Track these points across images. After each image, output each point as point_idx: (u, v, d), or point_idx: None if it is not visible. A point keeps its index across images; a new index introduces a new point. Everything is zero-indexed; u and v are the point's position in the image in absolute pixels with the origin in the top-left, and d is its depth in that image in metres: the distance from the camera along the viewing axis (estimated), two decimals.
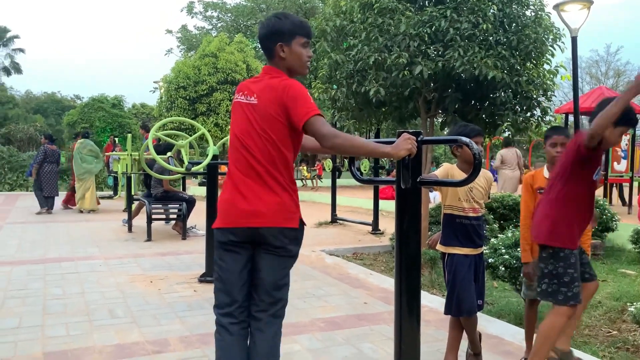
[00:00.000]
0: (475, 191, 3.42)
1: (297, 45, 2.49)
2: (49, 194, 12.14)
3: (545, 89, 6.68)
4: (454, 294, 3.38)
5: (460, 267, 3.38)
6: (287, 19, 2.51)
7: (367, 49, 6.54)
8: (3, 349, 3.76)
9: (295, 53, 2.49)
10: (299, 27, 2.50)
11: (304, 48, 2.52)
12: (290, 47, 2.48)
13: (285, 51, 2.48)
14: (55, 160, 12.48)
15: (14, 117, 41.35)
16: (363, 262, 7.15)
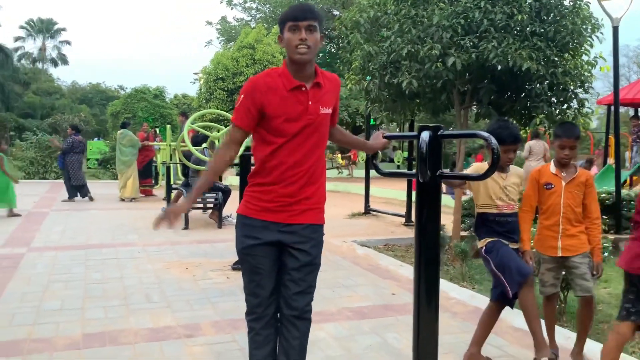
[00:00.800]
0: (510, 189, 3.44)
1: (286, 32, 2.45)
2: (76, 183, 12.52)
3: (583, 81, 6.55)
4: (510, 267, 3.35)
5: (503, 246, 3.43)
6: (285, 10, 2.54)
7: (400, 40, 6.54)
8: (46, 329, 3.98)
9: (285, 40, 2.46)
10: (286, 13, 2.48)
11: (293, 32, 2.43)
12: (283, 36, 2.48)
13: (282, 41, 2.51)
14: (81, 150, 12.98)
15: (60, 107, 42.65)
16: (394, 254, 7.19)
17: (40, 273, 5.64)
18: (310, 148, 2.52)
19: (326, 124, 2.59)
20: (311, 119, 2.49)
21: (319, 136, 2.55)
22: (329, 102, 2.58)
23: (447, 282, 5.61)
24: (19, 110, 40.81)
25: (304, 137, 2.49)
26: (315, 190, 2.59)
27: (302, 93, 2.48)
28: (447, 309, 4.63)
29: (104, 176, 21.66)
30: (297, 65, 2.46)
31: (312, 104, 2.48)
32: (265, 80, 2.48)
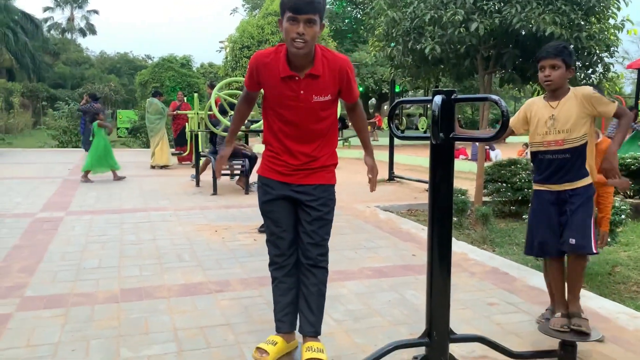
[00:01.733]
0: (561, 118, 3.10)
1: (285, 20, 2.50)
2: None
3: (609, 45, 6.50)
4: (528, 229, 3.30)
5: (537, 203, 3.26)
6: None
7: (424, 6, 6.57)
8: (87, 284, 4.28)
9: (284, 28, 2.52)
10: (284, 1, 2.49)
11: (291, 24, 2.47)
12: (282, 23, 2.53)
13: (281, 26, 2.57)
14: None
15: (90, 77, 43.32)
16: (417, 219, 7.34)
17: (78, 235, 5.96)
18: (307, 126, 2.71)
19: (324, 107, 2.70)
20: (302, 106, 2.65)
21: (316, 117, 2.70)
22: (326, 90, 2.66)
23: (467, 244, 5.76)
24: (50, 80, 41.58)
25: (300, 118, 2.68)
26: (321, 156, 2.80)
27: (294, 82, 2.60)
28: (466, 269, 4.79)
29: (133, 144, 22.14)
30: (294, 56, 2.54)
31: (304, 93, 2.62)
32: (265, 60, 2.64)
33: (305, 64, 2.58)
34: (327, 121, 2.76)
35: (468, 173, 11.72)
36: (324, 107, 2.70)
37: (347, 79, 2.67)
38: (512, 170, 7.51)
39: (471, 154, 15.27)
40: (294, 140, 2.74)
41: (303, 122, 2.70)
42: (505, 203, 7.56)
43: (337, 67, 2.63)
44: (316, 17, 2.47)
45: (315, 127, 2.73)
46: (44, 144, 21.14)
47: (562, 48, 3.13)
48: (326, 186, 2.82)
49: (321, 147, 2.79)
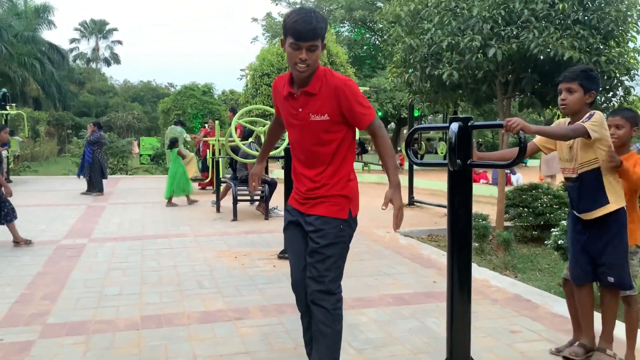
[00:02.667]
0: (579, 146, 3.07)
1: (287, 44, 2.50)
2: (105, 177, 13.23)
3: (629, 68, 6.47)
4: (570, 261, 3.28)
5: (568, 229, 3.28)
6: (288, 16, 2.51)
7: (441, 32, 6.62)
8: (108, 311, 4.31)
9: (287, 51, 2.53)
10: (290, 25, 2.46)
11: (294, 49, 2.47)
12: (284, 44, 2.54)
13: (283, 46, 2.56)
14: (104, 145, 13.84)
15: (114, 106, 44.19)
16: (438, 244, 7.28)
17: (100, 262, 6.03)
18: (310, 148, 2.64)
19: (325, 128, 2.59)
20: (301, 124, 2.62)
21: (317, 138, 2.60)
22: (323, 109, 2.56)
23: (488, 270, 5.69)
24: (75, 109, 42.47)
25: (302, 138, 2.65)
26: (326, 184, 2.66)
27: (293, 99, 2.63)
28: (488, 296, 4.72)
29: (155, 171, 22.42)
30: (296, 77, 2.59)
31: (302, 111, 2.60)
32: (277, 83, 2.76)
33: (305, 82, 2.58)
34: (331, 145, 2.61)
35: (489, 197, 11.62)
36: (324, 128, 2.58)
37: (346, 99, 2.52)
38: (533, 194, 7.43)
39: (492, 178, 15.15)
40: (301, 163, 2.72)
41: (305, 142, 2.65)
42: (527, 228, 7.47)
43: (332, 86, 2.53)
44: (318, 43, 2.48)
45: (317, 149, 2.62)
46: (69, 171, 21.51)
47: (579, 72, 3.10)
48: (329, 219, 2.64)
49: (327, 174, 2.64)
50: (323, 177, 2.64)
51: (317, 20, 2.44)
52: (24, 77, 33.11)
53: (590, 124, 2.91)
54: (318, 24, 2.44)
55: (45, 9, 38.99)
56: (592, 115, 2.98)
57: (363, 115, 2.57)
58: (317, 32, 2.45)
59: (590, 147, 3.02)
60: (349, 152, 2.69)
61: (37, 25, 37.83)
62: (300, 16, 2.44)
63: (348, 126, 2.63)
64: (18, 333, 3.84)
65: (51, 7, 39.26)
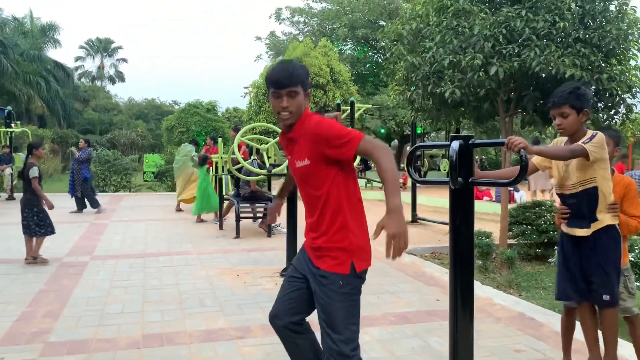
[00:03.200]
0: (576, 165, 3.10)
1: (270, 95, 2.52)
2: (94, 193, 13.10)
3: (630, 86, 6.48)
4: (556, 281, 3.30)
5: (559, 247, 3.30)
6: (268, 71, 2.56)
7: (443, 51, 6.65)
8: (110, 330, 4.30)
9: (270, 102, 2.54)
10: (269, 76, 2.50)
11: (275, 98, 2.49)
12: (269, 94, 2.55)
13: (269, 99, 2.57)
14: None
15: (118, 123, 44.41)
16: (441, 262, 7.25)
17: (102, 279, 6.02)
18: (306, 193, 2.57)
19: (309, 172, 2.49)
20: (293, 170, 2.60)
21: (307, 183, 2.53)
22: (303, 154, 2.49)
23: (492, 288, 5.65)
24: (80, 126, 42.70)
25: (298, 183, 2.62)
26: (324, 234, 2.50)
27: (285, 146, 2.66)
28: (491, 314, 4.69)
29: (159, 188, 22.45)
30: (282, 125, 2.59)
31: (290, 157, 2.61)
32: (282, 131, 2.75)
33: (289, 130, 2.58)
34: (322, 189, 2.47)
35: (492, 215, 11.59)
36: (309, 172, 2.48)
37: (321, 140, 2.40)
38: (536, 212, 7.41)
39: (495, 195, 15.12)
40: (305, 209, 2.64)
41: (300, 187, 2.61)
42: (530, 246, 7.43)
43: (308, 131, 2.46)
44: (298, 89, 2.46)
45: (311, 193, 2.53)
46: None
47: (567, 94, 3.10)
48: (328, 274, 2.46)
49: (324, 222, 2.48)
50: (320, 225, 2.50)
51: (294, 67, 2.47)
52: (29, 95, 33.36)
53: (591, 145, 2.93)
54: (295, 70, 2.46)
55: (51, 28, 39.44)
56: (594, 136, 3.00)
57: (344, 146, 2.36)
58: (294, 78, 2.44)
59: (589, 166, 3.04)
60: (346, 196, 2.47)
61: (42, 44, 38.24)
62: (278, 66, 2.52)
63: (339, 166, 2.46)
64: (19, 352, 3.83)
65: (57, 26, 39.73)
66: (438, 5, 6.89)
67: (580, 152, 2.93)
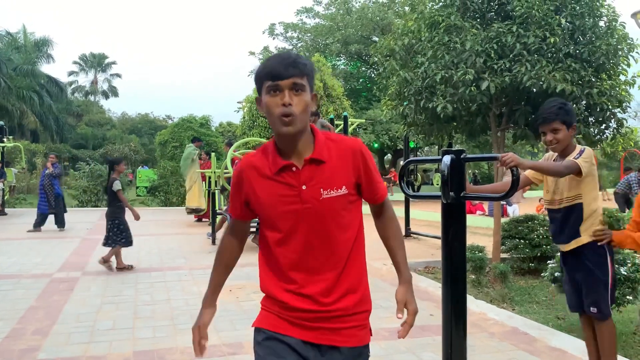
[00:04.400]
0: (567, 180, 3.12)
1: (264, 94, 1.81)
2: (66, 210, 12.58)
3: (621, 101, 6.54)
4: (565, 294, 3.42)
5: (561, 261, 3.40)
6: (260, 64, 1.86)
7: (435, 66, 6.70)
8: (100, 347, 4.24)
9: (264, 106, 1.82)
10: (262, 68, 1.82)
11: (273, 95, 1.78)
12: (261, 102, 1.85)
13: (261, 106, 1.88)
14: None
15: (111, 138, 44.38)
16: (434, 276, 7.23)
17: (93, 295, 5.96)
18: (322, 240, 1.86)
19: (346, 207, 1.88)
20: (307, 207, 1.82)
21: (334, 223, 1.86)
22: (339, 180, 1.85)
23: (485, 303, 5.64)
24: (73, 141, 42.65)
25: (308, 228, 1.85)
26: (356, 295, 1.93)
27: (292, 174, 1.83)
28: (485, 329, 4.67)
29: (152, 203, 22.37)
30: (285, 138, 1.82)
31: (307, 189, 1.82)
32: (248, 163, 1.92)
33: (304, 146, 1.85)
34: (350, 230, 1.91)
35: (485, 229, 11.60)
36: (343, 205, 1.87)
37: (365, 165, 1.89)
38: (529, 226, 7.42)
39: (488, 209, 15.16)
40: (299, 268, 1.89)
41: (312, 234, 1.85)
42: (524, 260, 7.43)
43: (348, 150, 1.89)
44: (304, 81, 1.79)
45: (336, 237, 1.87)
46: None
47: (557, 110, 3.15)
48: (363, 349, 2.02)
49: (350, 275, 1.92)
50: (344, 281, 1.88)
51: (297, 56, 1.82)
52: (22, 109, 33.34)
53: (582, 160, 2.98)
54: (299, 58, 1.81)
55: (44, 43, 39.52)
56: (583, 151, 3.06)
57: (379, 185, 1.97)
58: (299, 67, 1.78)
59: (578, 182, 3.09)
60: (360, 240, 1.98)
61: (36, 58, 38.29)
62: (274, 56, 1.85)
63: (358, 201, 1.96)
64: None
65: (51, 41, 39.82)
66: (430, 21, 6.95)
67: (573, 167, 2.99)
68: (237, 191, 1.96)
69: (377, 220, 2.08)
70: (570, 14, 6.36)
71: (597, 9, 6.50)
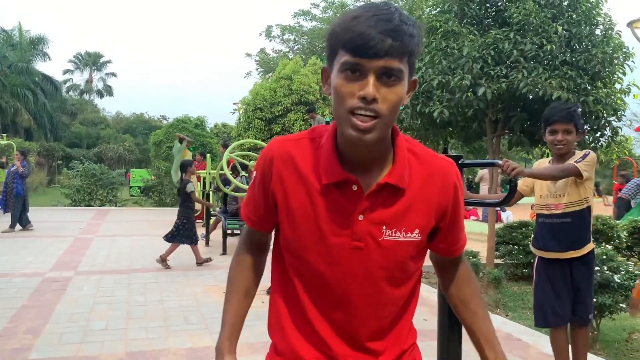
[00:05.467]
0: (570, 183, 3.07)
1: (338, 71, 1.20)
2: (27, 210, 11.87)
3: (616, 109, 6.57)
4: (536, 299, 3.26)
5: (540, 271, 3.24)
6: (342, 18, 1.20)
7: (431, 71, 6.72)
8: (92, 347, 4.22)
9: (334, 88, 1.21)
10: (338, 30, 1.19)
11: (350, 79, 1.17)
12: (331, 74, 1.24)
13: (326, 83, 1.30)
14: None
15: (105, 137, 44.19)
16: (428, 281, 7.23)
17: (86, 295, 5.93)
18: (369, 293, 1.32)
19: (403, 256, 1.31)
20: (359, 248, 1.27)
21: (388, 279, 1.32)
22: (414, 219, 1.30)
23: None
24: (67, 140, 42.45)
25: (342, 279, 1.31)
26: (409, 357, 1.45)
27: (349, 194, 1.27)
28: None
29: (146, 203, 22.29)
30: (353, 145, 1.23)
31: (363, 220, 1.26)
32: (289, 150, 1.32)
33: (376, 159, 1.28)
34: (409, 283, 1.38)
35: (479, 234, 11.62)
36: (410, 254, 1.32)
37: (456, 202, 1.34)
38: (523, 232, 7.44)
39: (482, 215, 15.19)
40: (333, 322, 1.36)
41: (358, 284, 1.31)
42: (517, 266, 7.45)
43: (438, 175, 1.32)
44: (402, 65, 1.17)
45: (390, 292, 1.34)
46: (57, 202, 21.36)
47: (573, 112, 3.14)
48: None
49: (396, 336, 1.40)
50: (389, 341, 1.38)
51: (401, 16, 1.16)
52: (16, 107, 33.18)
53: (583, 164, 2.96)
54: (403, 24, 1.15)
55: (40, 41, 39.37)
56: (587, 155, 3.03)
57: (462, 233, 1.45)
58: (403, 40, 1.14)
59: (581, 186, 3.06)
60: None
61: (31, 56, 38.13)
62: (366, 9, 1.17)
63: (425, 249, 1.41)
64: None
65: (46, 39, 39.68)
66: (427, 26, 6.96)
67: (572, 170, 2.95)
68: (260, 187, 1.35)
69: (445, 277, 1.50)
70: (567, 22, 6.40)
71: (594, 17, 6.54)
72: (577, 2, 6.49)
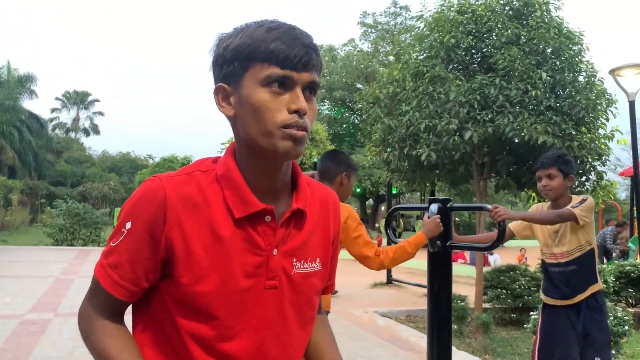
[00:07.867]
0: (569, 230, 3.07)
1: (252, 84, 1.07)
2: None
3: (600, 154, 6.67)
4: (541, 347, 3.18)
5: (545, 318, 3.20)
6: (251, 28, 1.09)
7: (419, 115, 6.80)
8: None
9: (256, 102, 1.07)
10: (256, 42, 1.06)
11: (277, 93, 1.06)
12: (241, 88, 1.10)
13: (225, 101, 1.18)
14: None
15: (90, 176, 43.91)
16: (416, 325, 7.14)
17: (65, 339, 5.75)
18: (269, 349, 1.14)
19: (312, 291, 1.20)
20: (272, 286, 1.13)
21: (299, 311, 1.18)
22: (316, 248, 1.21)
23: (467, 354, 5.55)
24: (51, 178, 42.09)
25: (254, 325, 1.12)
26: None
27: (263, 227, 1.11)
28: None
29: None
30: (271, 164, 1.11)
31: (277, 254, 1.12)
32: (182, 188, 1.10)
33: (282, 188, 1.16)
34: (311, 325, 1.24)
35: (467, 278, 11.55)
36: (316, 288, 1.22)
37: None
38: (511, 276, 7.41)
39: (470, 258, 15.16)
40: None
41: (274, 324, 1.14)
42: (505, 310, 7.39)
43: (329, 202, 1.27)
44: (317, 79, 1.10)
45: (301, 331, 1.20)
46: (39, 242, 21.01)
47: (556, 157, 3.18)
48: None
49: None
50: None
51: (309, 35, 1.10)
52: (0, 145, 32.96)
53: (580, 210, 2.97)
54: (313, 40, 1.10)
55: (28, 79, 39.46)
56: (585, 200, 3.04)
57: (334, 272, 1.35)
58: (318, 56, 1.09)
59: (581, 230, 3.06)
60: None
61: (18, 94, 38.12)
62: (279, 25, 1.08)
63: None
64: None
65: (34, 77, 39.76)
66: (414, 71, 7.09)
67: (568, 216, 2.96)
68: (144, 241, 1.08)
69: (313, 338, 1.29)
70: (551, 69, 6.54)
71: (577, 64, 6.71)
72: (560, 49, 6.65)
